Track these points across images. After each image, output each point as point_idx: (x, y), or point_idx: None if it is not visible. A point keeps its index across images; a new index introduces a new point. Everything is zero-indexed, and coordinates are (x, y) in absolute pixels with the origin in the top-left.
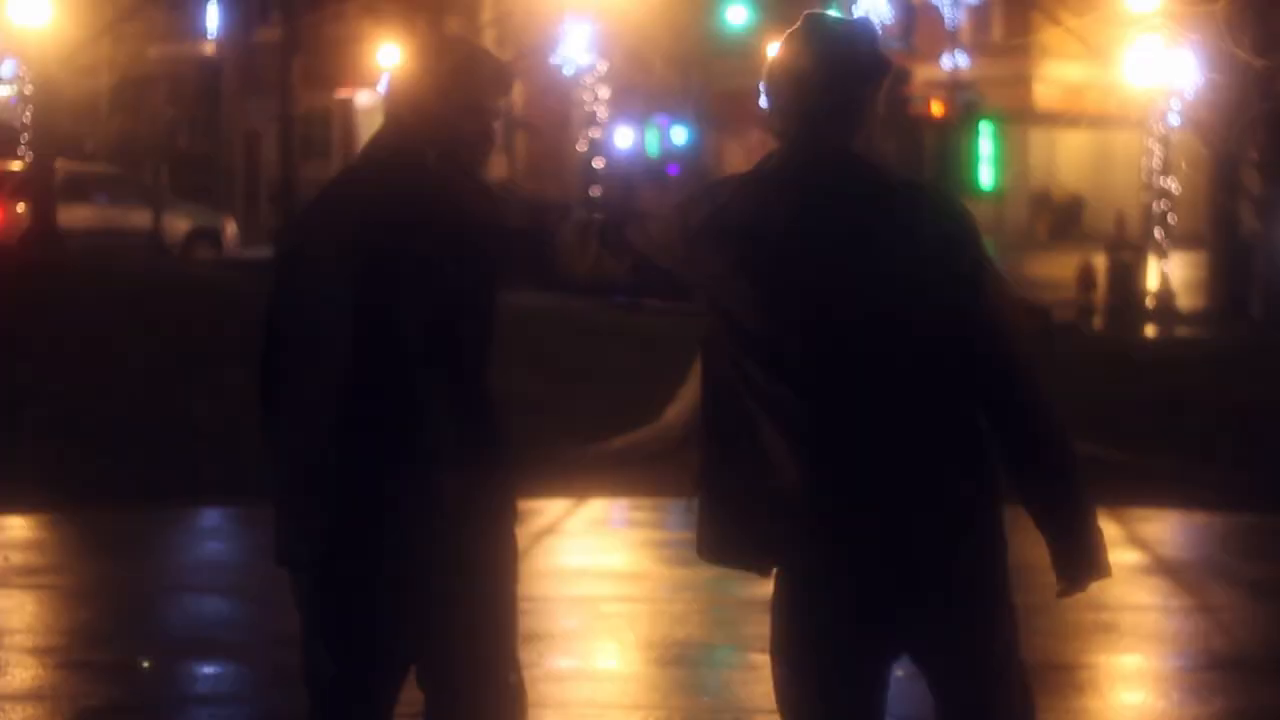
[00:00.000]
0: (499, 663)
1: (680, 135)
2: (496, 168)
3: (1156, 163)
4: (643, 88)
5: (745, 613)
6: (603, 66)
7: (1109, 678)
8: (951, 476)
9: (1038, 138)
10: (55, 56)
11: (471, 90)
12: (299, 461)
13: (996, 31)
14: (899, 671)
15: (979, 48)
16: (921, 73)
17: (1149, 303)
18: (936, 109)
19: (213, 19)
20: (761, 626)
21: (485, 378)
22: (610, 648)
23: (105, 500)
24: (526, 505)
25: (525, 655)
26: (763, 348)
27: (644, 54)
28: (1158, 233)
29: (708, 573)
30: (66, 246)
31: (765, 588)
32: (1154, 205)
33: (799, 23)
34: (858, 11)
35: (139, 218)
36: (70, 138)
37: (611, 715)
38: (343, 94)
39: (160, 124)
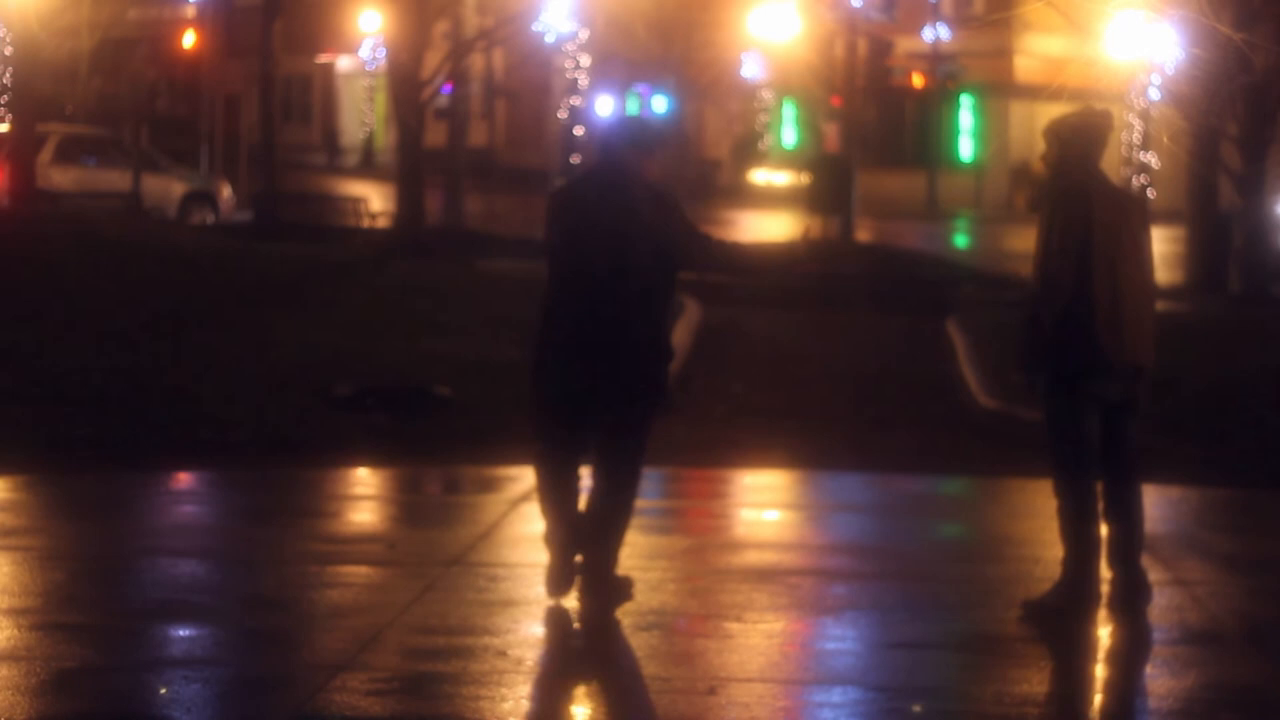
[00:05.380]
0: (635, 458)
1: (661, 103)
2: (477, 134)
3: (1136, 137)
4: (624, 55)
5: (720, 581)
6: (584, 34)
7: (1083, 650)
8: None
9: (1018, 110)
10: (36, 17)
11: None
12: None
13: (978, 4)
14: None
15: (960, 20)
16: (903, 44)
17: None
18: (918, 81)
19: None
20: (736, 595)
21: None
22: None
23: (81, 463)
24: (503, 472)
25: (500, 622)
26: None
27: (625, 22)
28: None
29: (682, 542)
30: (60, 205)
31: (739, 558)
32: (1133, 180)
33: (1075, 111)
34: None
35: (127, 181)
36: (50, 99)
37: (586, 683)
38: (324, 58)
39: (140, 86)
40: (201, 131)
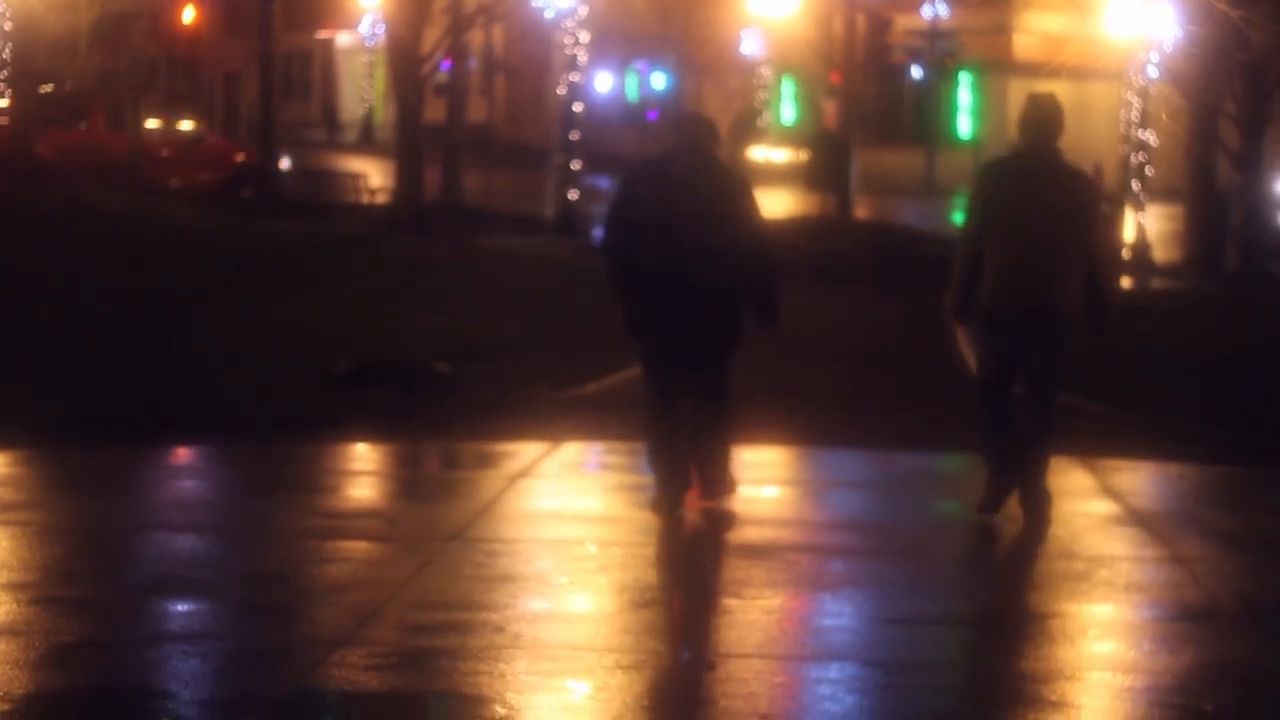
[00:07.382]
0: (728, 396)
1: (660, 80)
2: (476, 110)
3: (1135, 115)
4: (623, 32)
5: (718, 557)
6: (583, 10)
7: (1081, 627)
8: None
9: (1017, 88)
10: None
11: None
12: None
13: None
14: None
15: None
16: (902, 21)
17: (1125, 255)
18: (916, 74)
19: None
20: (734, 571)
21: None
22: (584, 591)
23: (79, 437)
24: (501, 448)
25: (498, 598)
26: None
27: None
28: (1135, 185)
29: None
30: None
31: (737, 534)
32: (1131, 157)
33: (1039, 94)
34: None
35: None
36: (49, 74)
37: (584, 658)
38: (323, 35)
39: (139, 62)
40: (200, 108)
